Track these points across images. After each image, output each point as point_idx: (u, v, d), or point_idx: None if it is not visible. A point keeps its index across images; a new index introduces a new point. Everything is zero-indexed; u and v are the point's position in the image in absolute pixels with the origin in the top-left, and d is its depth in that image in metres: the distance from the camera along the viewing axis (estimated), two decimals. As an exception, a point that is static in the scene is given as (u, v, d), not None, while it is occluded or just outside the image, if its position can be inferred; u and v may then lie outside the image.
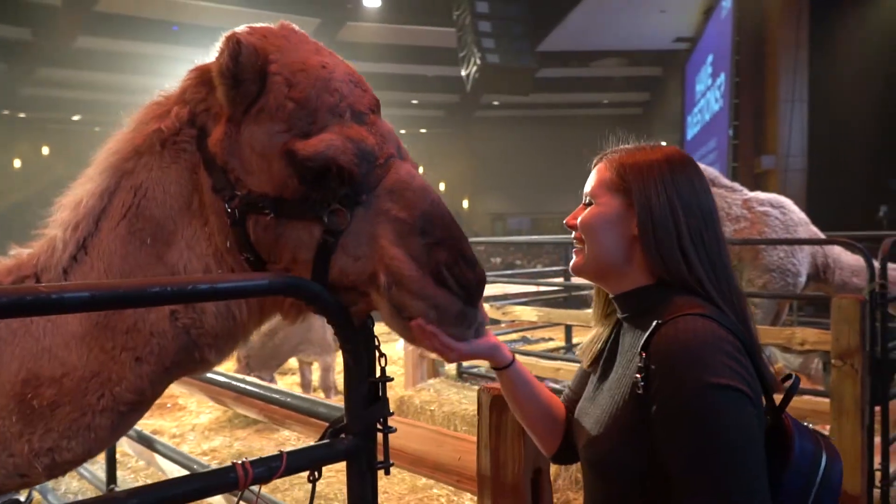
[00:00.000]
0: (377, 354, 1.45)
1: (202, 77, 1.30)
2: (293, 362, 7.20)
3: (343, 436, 1.41)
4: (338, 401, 6.79)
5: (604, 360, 1.38)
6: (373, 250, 1.22)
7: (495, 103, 26.09)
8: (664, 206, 1.24)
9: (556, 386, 6.01)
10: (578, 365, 1.53)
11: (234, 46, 1.20)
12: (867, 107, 10.74)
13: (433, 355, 6.04)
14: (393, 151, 1.27)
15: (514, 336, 8.27)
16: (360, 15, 16.99)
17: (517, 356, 1.49)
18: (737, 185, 6.80)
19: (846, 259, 5.45)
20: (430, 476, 1.89)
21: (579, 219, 1.34)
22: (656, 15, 17.31)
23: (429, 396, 5.69)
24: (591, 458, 1.27)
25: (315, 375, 7.05)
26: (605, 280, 1.35)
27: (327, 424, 1.83)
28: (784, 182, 11.50)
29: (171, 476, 3.35)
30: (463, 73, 13.65)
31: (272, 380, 6.49)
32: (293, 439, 5.73)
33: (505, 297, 7.55)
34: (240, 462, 1.22)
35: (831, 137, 11.30)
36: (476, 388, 6.04)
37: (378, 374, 1.45)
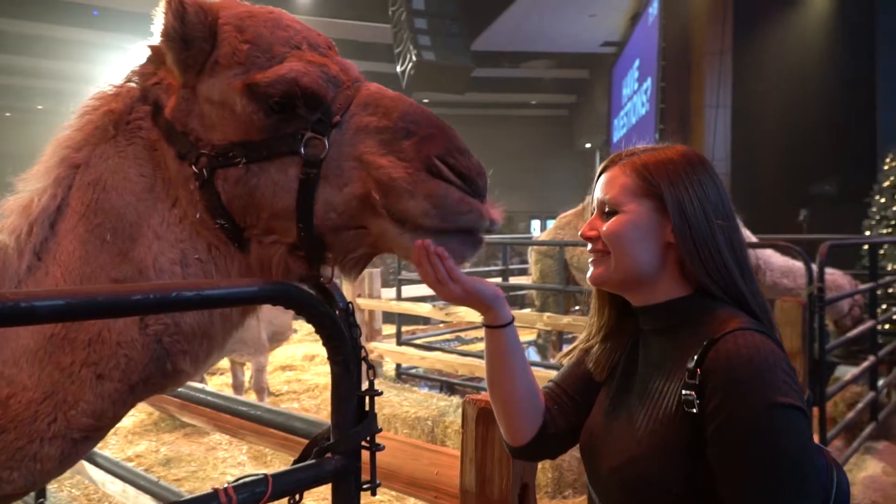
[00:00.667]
0: (365, 366, 1.36)
1: (149, 55, 1.24)
2: (224, 362, 6.94)
3: (329, 455, 1.31)
4: (272, 402, 6.58)
5: (620, 372, 1.29)
6: (359, 170, 1.11)
7: (425, 101, 26.06)
8: (698, 209, 1.17)
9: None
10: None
11: (178, 6, 1.13)
12: (787, 113, 11.23)
13: (371, 356, 5.95)
14: (359, 76, 1.22)
15: (449, 336, 8.24)
16: (292, 7, 16.59)
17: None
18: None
19: (776, 261, 5.66)
20: (404, 491, 1.79)
21: (603, 228, 1.22)
22: (585, 19, 17.61)
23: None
24: (627, 480, 1.15)
25: (247, 375, 6.82)
26: (632, 291, 1.25)
27: (284, 434, 1.72)
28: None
29: (101, 487, 3.13)
30: (398, 69, 13.53)
31: (202, 380, 6.24)
32: (224, 443, 5.50)
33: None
34: (222, 488, 1.11)
35: (753, 142, 11.76)
36: (416, 389, 6.01)
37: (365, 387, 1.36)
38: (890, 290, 6.73)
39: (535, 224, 31.77)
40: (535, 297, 7.28)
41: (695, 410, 1.07)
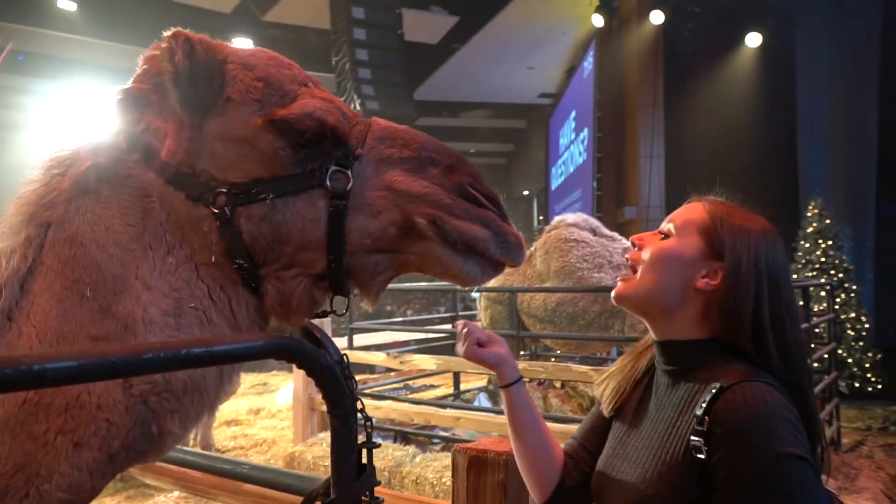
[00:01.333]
0: (363, 419, 1.35)
1: (126, 101, 1.17)
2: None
3: (329, 510, 1.29)
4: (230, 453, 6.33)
5: (631, 411, 1.33)
6: (392, 198, 1.14)
7: (365, 149, 26.13)
8: (752, 272, 1.21)
9: (463, 435, 5.96)
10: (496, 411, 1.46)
11: (186, 44, 1.10)
12: (716, 163, 11.74)
13: (324, 407, 5.84)
14: (358, 112, 1.24)
15: (398, 385, 8.17)
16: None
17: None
18: (616, 235, 7.22)
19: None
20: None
21: (651, 246, 1.28)
22: (523, 71, 18.17)
23: (322, 451, 5.44)
24: None
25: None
26: (648, 316, 1.30)
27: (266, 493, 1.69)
28: (645, 231, 12.27)
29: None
30: (340, 118, 13.53)
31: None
32: (170, 504, 5.28)
33: (394, 344, 7.45)
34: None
35: (686, 190, 12.20)
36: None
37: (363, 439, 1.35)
38: (817, 331, 7.02)
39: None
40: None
41: (702, 457, 1.10)
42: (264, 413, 7.78)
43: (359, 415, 1.34)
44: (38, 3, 13.61)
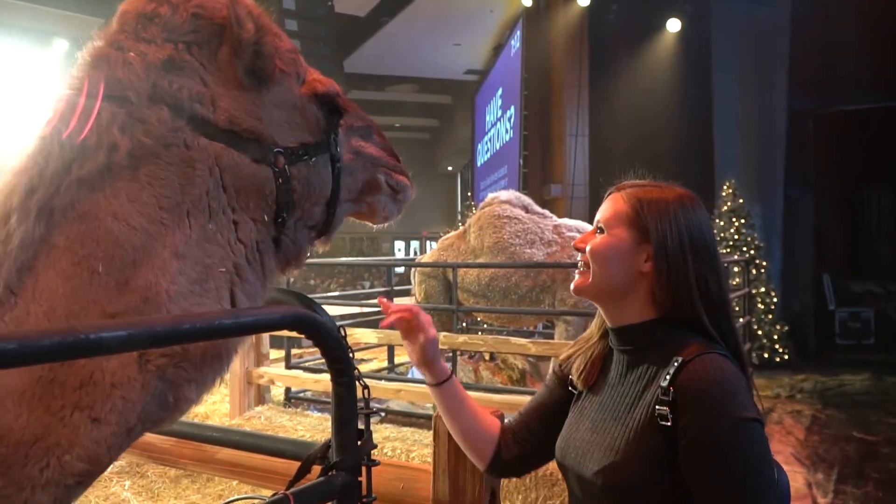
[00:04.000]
0: (360, 386, 1.43)
1: (162, 65, 1.11)
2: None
3: (333, 472, 1.37)
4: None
5: (593, 387, 1.43)
6: (360, 159, 1.40)
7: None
8: (677, 247, 1.30)
9: (396, 407, 6.07)
10: (425, 385, 1.60)
11: (248, 14, 1.13)
12: (637, 142, 12.13)
13: (261, 381, 5.83)
14: None
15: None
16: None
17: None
18: (547, 213, 7.41)
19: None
20: (368, 507, 1.84)
21: (589, 245, 1.38)
22: (450, 47, 18.21)
23: (260, 424, 5.44)
24: (610, 483, 1.27)
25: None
26: (604, 305, 1.40)
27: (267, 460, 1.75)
28: (570, 208, 12.64)
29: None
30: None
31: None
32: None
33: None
34: (247, 510, 1.14)
35: (609, 169, 12.56)
36: (307, 413, 5.94)
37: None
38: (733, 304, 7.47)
39: (400, 244, 32.09)
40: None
41: (668, 424, 1.21)
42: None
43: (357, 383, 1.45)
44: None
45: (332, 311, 7.69)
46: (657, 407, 1.23)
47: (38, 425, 1.01)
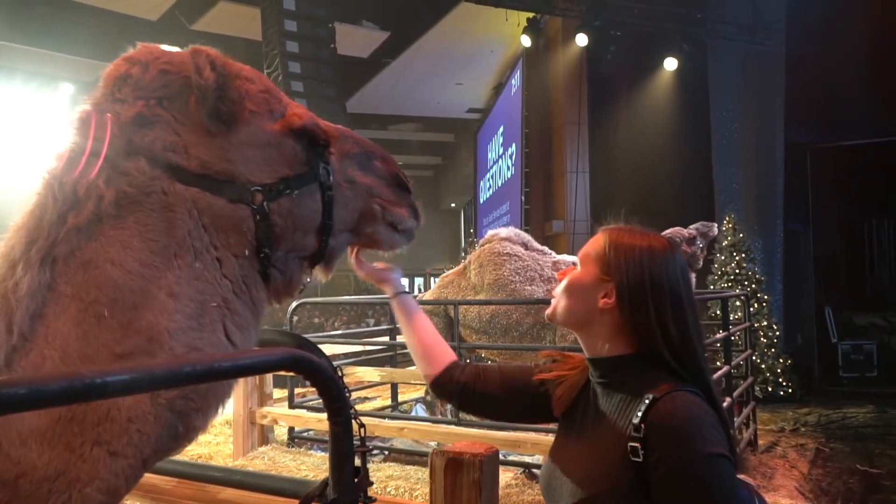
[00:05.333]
0: (356, 425, 1.48)
1: (135, 121, 1.18)
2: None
3: (330, 508, 1.41)
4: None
5: (574, 417, 1.49)
6: (355, 189, 1.40)
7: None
8: (636, 288, 1.37)
9: (400, 445, 6.05)
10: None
11: (209, 61, 1.19)
12: (637, 178, 12.26)
13: (264, 421, 5.84)
14: None
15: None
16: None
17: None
18: (546, 249, 7.46)
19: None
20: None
21: (565, 277, 1.49)
22: (452, 86, 18.51)
23: (263, 464, 5.44)
24: None
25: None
26: (576, 333, 1.49)
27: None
28: (572, 244, 12.73)
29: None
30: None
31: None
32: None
33: (334, 357, 7.47)
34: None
35: (609, 205, 12.67)
36: (311, 453, 5.93)
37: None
38: (733, 338, 7.47)
39: (404, 281, 32.12)
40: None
41: (639, 460, 1.26)
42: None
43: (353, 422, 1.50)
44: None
45: (336, 349, 7.75)
46: (629, 444, 1.28)
47: (59, 462, 1.06)
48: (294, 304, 6.77)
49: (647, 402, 1.29)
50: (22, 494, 1.04)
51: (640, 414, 1.28)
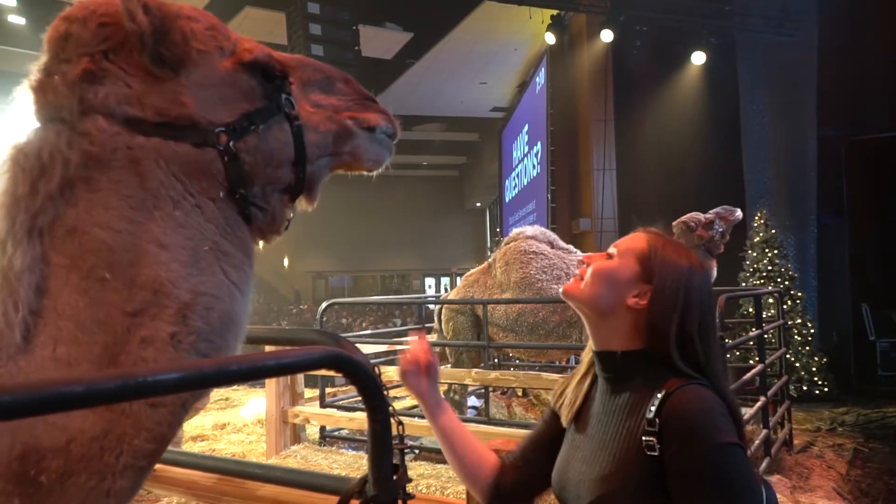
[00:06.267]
0: (395, 422, 1.48)
1: (84, 80, 1.16)
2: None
3: (371, 505, 1.41)
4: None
5: (582, 417, 1.51)
6: (322, 112, 1.39)
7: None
8: (671, 297, 1.41)
9: (430, 444, 6.06)
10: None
11: (139, 3, 1.14)
12: (665, 175, 12.15)
13: (296, 420, 5.89)
14: None
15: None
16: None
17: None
18: (571, 248, 7.44)
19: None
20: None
21: (595, 262, 1.50)
22: (476, 86, 18.49)
23: (296, 463, 5.48)
24: None
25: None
26: (587, 319, 1.51)
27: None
28: (599, 242, 12.64)
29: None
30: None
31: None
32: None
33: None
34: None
35: (637, 202, 12.62)
36: (342, 451, 5.97)
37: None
38: (767, 336, 7.37)
39: (430, 281, 32.22)
40: (448, 354, 7.44)
41: (655, 454, 1.29)
42: (230, 428, 7.72)
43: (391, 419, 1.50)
44: (-15, 17, 13.27)
45: (365, 349, 7.77)
46: (644, 438, 1.31)
47: (104, 421, 1.08)
48: (324, 305, 6.82)
49: (659, 396, 1.32)
50: (76, 457, 1.07)
51: (653, 409, 1.31)
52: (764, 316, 6.78)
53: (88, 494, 1.06)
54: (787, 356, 7.68)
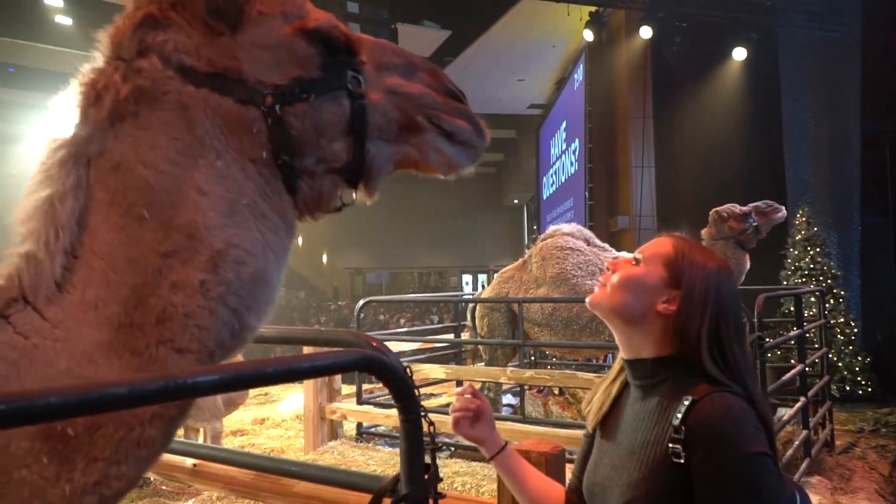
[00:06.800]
0: (426, 423, 1.53)
1: (146, 24, 1.22)
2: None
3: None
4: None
5: (610, 424, 1.52)
6: (395, 98, 1.32)
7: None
8: (701, 301, 1.40)
9: (466, 442, 6.11)
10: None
11: None
12: (705, 173, 11.99)
13: (333, 416, 6.00)
14: None
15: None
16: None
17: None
18: (607, 246, 7.43)
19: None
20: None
21: (620, 269, 1.49)
22: (514, 83, 18.45)
23: (333, 459, 5.59)
24: None
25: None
26: (614, 328, 1.50)
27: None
28: (637, 240, 12.53)
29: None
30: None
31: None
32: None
33: (399, 354, 7.61)
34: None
35: (676, 200, 12.49)
36: (379, 448, 6.06)
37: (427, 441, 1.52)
38: (809, 335, 7.25)
39: (467, 278, 32.25)
40: (483, 351, 7.49)
41: (682, 461, 1.29)
42: (269, 423, 7.89)
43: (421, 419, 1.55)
44: (34, 17, 13.63)
45: (402, 346, 7.88)
46: (670, 445, 1.31)
47: (130, 369, 1.09)
48: (361, 303, 6.92)
49: (686, 403, 1.31)
50: None
51: (679, 416, 1.31)
52: (805, 315, 6.68)
53: (118, 445, 1.06)
54: (829, 356, 7.54)
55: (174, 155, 1.16)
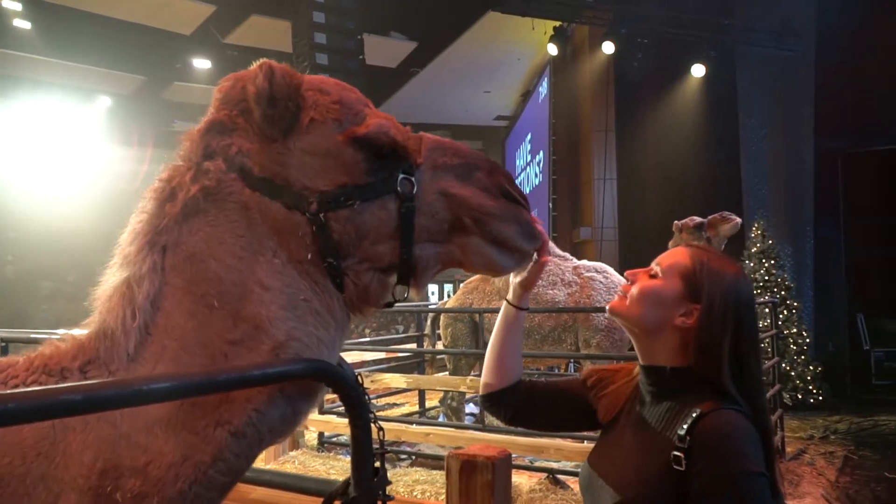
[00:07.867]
0: (376, 428, 1.59)
1: (214, 128, 1.31)
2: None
3: (351, 507, 1.52)
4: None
5: (619, 423, 1.57)
6: (447, 201, 1.33)
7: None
8: (721, 313, 1.43)
9: (427, 451, 6.16)
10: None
11: (268, 71, 1.26)
12: (665, 185, 12.24)
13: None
14: (408, 127, 1.42)
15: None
16: (188, 76, 16.60)
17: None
18: (567, 255, 7.56)
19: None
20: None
21: (640, 284, 1.52)
22: (480, 95, 18.61)
23: (294, 469, 5.60)
24: None
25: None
26: (634, 336, 1.54)
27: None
28: (599, 251, 12.74)
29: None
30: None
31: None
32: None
33: (362, 364, 7.63)
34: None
35: (637, 211, 12.73)
36: (340, 457, 6.07)
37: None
38: (762, 346, 7.45)
39: (433, 288, 32.19)
40: (447, 360, 7.55)
41: (681, 469, 1.34)
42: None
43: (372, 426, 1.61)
44: (-8, 22, 13.41)
45: (366, 356, 7.90)
46: (673, 452, 1.35)
47: (185, 446, 1.15)
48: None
49: (693, 416, 1.36)
50: (152, 479, 1.14)
51: (685, 426, 1.35)
52: (761, 325, 6.88)
53: None
54: (783, 365, 7.76)
55: (239, 251, 1.24)
